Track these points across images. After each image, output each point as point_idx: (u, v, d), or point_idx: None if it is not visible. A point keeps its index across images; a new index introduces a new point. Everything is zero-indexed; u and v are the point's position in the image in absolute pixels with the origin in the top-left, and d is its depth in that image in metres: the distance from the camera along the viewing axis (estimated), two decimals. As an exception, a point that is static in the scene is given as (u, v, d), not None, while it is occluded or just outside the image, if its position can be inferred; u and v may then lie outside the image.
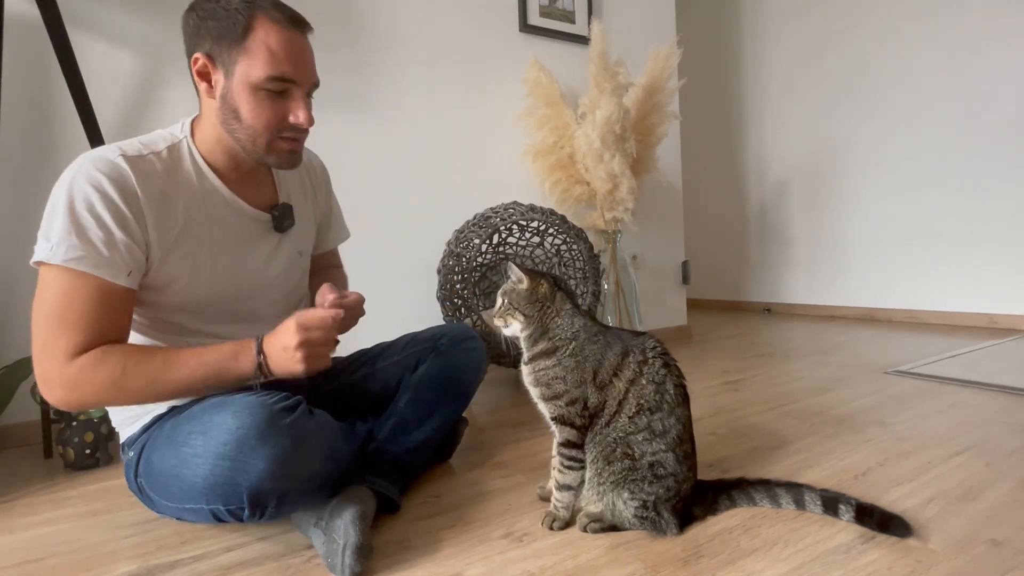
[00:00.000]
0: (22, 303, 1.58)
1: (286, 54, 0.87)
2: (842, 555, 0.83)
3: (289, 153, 0.94)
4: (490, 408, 1.75)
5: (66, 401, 0.83)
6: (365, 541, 0.83)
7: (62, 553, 0.96)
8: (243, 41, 0.86)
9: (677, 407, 0.92)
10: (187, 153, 0.94)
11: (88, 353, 0.81)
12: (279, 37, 0.86)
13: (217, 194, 0.96)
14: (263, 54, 0.86)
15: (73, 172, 0.83)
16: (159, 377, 0.84)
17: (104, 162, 0.83)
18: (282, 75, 0.87)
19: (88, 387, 0.81)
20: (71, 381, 0.81)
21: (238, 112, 0.89)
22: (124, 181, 0.84)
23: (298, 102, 0.91)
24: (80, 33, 1.62)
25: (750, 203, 3.94)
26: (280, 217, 1.04)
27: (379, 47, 2.12)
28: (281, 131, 0.92)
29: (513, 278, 0.96)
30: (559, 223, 1.99)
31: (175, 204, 0.90)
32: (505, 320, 0.96)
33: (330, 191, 1.24)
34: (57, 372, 0.81)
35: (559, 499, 0.95)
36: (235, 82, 0.87)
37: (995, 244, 2.74)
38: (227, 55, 0.87)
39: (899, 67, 3.04)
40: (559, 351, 0.93)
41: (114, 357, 0.82)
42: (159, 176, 0.88)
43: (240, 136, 0.91)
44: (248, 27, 0.85)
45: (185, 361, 0.85)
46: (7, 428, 1.55)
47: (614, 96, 2.17)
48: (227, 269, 0.98)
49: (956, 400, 1.58)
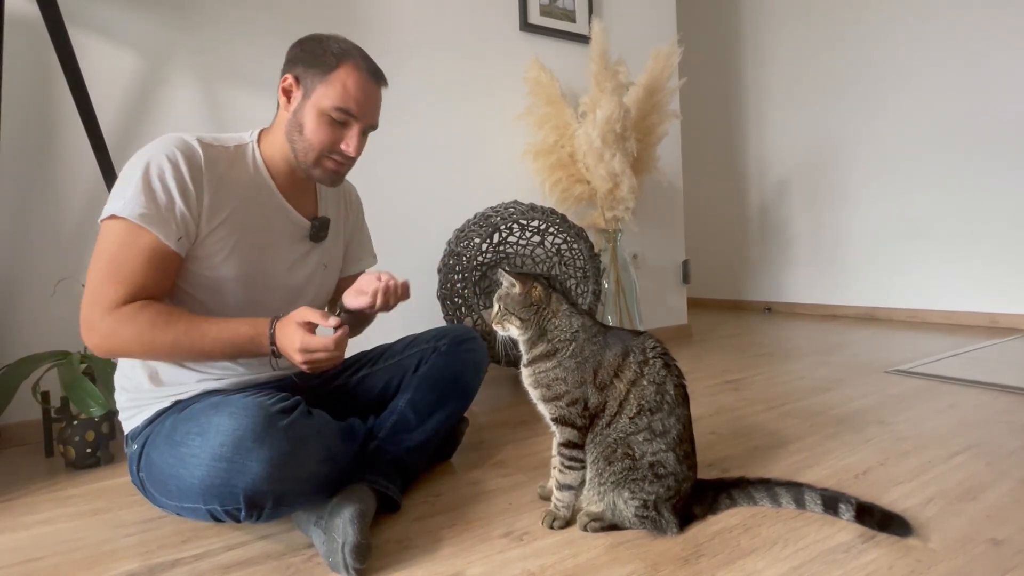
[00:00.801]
0: (22, 303, 1.59)
1: (356, 95, 1.01)
2: (842, 554, 0.83)
3: (332, 173, 1.06)
4: (490, 407, 1.75)
5: (101, 348, 0.91)
6: (364, 540, 0.83)
7: (63, 552, 0.96)
8: (328, 75, 1.00)
9: (677, 407, 0.92)
10: (251, 154, 1.05)
11: (128, 305, 0.89)
12: (356, 80, 1.01)
13: (268, 192, 1.06)
14: (339, 88, 1.00)
15: (155, 146, 0.94)
16: (180, 341, 0.90)
17: (182, 142, 0.95)
18: (346, 108, 1.00)
19: (120, 338, 0.89)
20: (109, 330, 0.89)
21: (303, 127, 1.02)
22: (195, 159, 0.95)
23: (353, 135, 1.03)
24: (81, 33, 1.62)
25: (750, 202, 3.94)
26: (318, 227, 1.13)
27: (379, 46, 2.11)
28: (332, 153, 1.03)
29: (506, 283, 0.97)
30: (559, 222, 1.99)
31: (230, 191, 1.00)
32: (503, 325, 0.96)
33: (361, 215, 1.33)
34: (100, 320, 0.89)
35: (560, 498, 0.95)
36: (309, 103, 1.01)
37: (996, 243, 2.73)
38: (311, 81, 1.01)
39: (900, 66, 3.04)
40: (559, 352, 0.93)
41: (146, 314, 0.89)
42: (223, 164, 1.00)
43: (298, 147, 1.03)
44: (336, 66, 1.00)
45: (204, 333, 0.91)
46: (8, 427, 1.55)
47: (615, 95, 2.17)
48: (257, 258, 1.04)
49: (956, 400, 1.58)
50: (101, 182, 1.59)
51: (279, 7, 1.92)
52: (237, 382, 1.04)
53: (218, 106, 1.83)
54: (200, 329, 0.91)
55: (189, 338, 0.90)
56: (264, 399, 0.86)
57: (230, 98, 1.84)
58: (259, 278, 1.05)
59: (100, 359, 1.41)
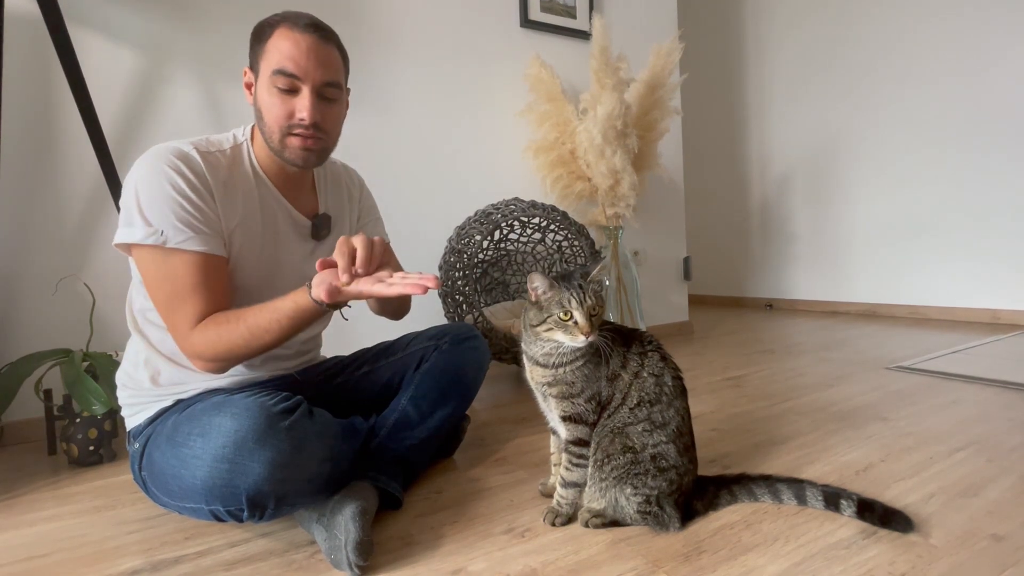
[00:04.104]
0: (23, 302, 1.59)
1: (290, 52, 0.93)
2: (843, 550, 0.83)
3: (301, 150, 0.98)
4: (492, 404, 1.75)
5: (205, 368, 0.92)
6: (365, 537, 0.83)
7: (67, 549, 0.96)
8: (264, 45, 0.94)
9: (676, 399, 0.92)
10: (246, 154, 1.02)
11: (201, 322, 0.89)
12: (289, 38, 0.93)
13: (270, 194, 1.04)
14: (274, 54, 0.93)
15: (151, 160, 0.90)
16: (253, 332, 0.89)
17: (178, 151, 0.92)
18: (283, 69, 0.92)
19: (212, 352, 0.89)
20: (198, 351, 0.90)
21: (261, 112, 0.97)
22: (197, 167, 0.93)
23: (304, 98, 0.95)
24: (81, 30, 1.61)
25: (752, 199, 3.93)
26: (318, 225, 1.10)
27: (379, 44, 2.11)
28: (291, 128, 0.96)
29: (596, 288, 0.90)
30: (560, 219, 1.98)
31: (236, 195, 0.98)
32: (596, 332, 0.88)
33: (369, 200, 1.27)
34: (188, 346, 0.90)
35: (563, 496, 0.95)
36: (259, 84, 0.96)
37: (998, 240, 2.73)
38: (256, 62, 0.96)
39: (902, 63, 3.02)
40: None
41: (215, 322, 0.89)
42: (223, 169, 0.97)
43: (265, 135, 0.98)
44: (270, 35, 0.94)
45: (262, 312, 0.89)
46: (11, 425, 1.56)
47: (615, 92, 2.16)
48: (268, 261, 1.04)
49: (958, 396, 1.58)
50: (102, 180, 1.59)
51: (279, 6, 1.92)
52: (239, 380, 1.04)
53: (219, 105, 1.83)
54: (257, 315, 0.89)
55: (256, 323, 0.88)
56: (266, 399, 0.86)
57: (231, 97, 1.84)
58: (271, 279, 1.04)
59: (102, 356, 1.41)
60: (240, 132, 1.04)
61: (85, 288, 1.59)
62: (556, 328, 0.87)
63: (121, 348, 1.23)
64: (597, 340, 0.88)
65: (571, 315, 0.85)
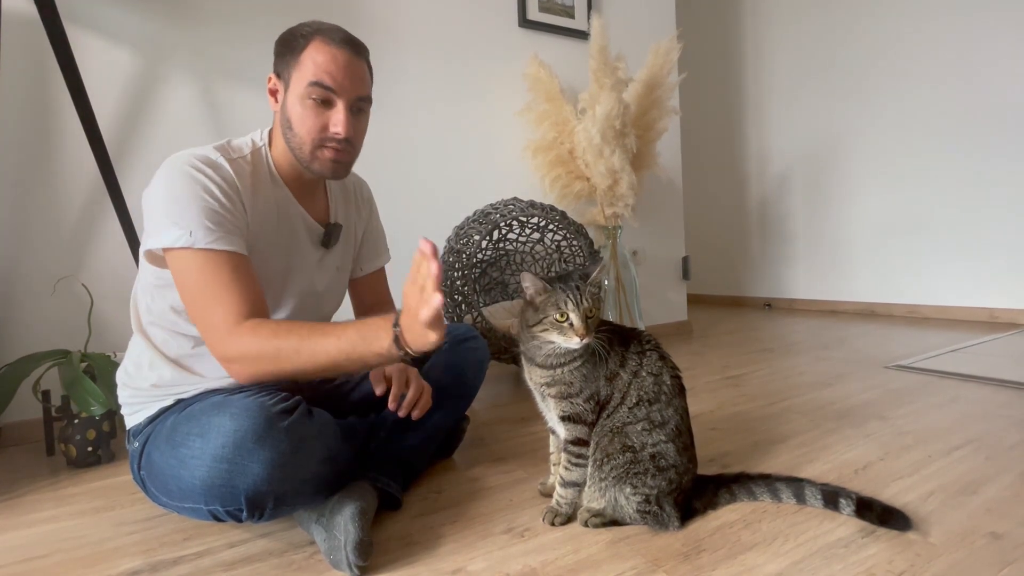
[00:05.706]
0: (21, 303, 1.59)
1: (327, 66, 0.94)
2: (842, 549, 0.83)
3: (332, 162, 0.99)
4: (491, 404, 1.75)
5: (239, 375, 0.90)
6: (365, 537, 0.83)
7: (66, 549, 0.96)
8: (298, 56, 0.95)
9: (674, 398, 0.92)
10: (264, 160, 1.02)
11: (246, 322, 0.87)
12: (326, 52, 0.94)
13: (287, 199, 1.04)
14: (309, 66, 0.94)
15: (179, 165, 0.90)
16: (302, 346, 0.87)
17: (205, 158, 0.92)
18: (320, 82, 0.94)
19: (252, 354, 0.87)
20: (237, 353, 0.88)
21: (291, 121, 0.97)
22: (226, 174, 0.93)
23: (339, 112, 0.96)
24: (78, 30, 1.61)
25: (751, 198, 3.93)
26: (330, 234, 1.11)
27: (378, 43, 2.11)
28: (324, 140, 0.97)
29: (594, 291, 0.90)
30: (559, 219, 1.98)
31: (259, 201, 0.99)
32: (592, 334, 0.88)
33: (374, 211, 1.28)
34: (224, 347, 0.88)
35: (563, 495, 0.95)
36: (290, 94, 0.96)
37: (996, 239, 2.73)
38: (287, 71, 0.97)
39: (900, 61, 3.03)
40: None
41: (266, 327, 0.88)
42: (247, 175, 0.98)
43: (292, 145, 0.99)
44: (305, 46, 0.95)
45: (322, 334, 0.87)
46: (9, 426, 1.56)
47: (614, 91, 2.16)
48: (281, 267, 1.04)
49: (956, 394, 1.58)
50: (100, 181, 1.59)
51: (278, 5, 1.92)
52: (239, 381, 1.03)
53: (217, 105, 1.83)
54: (316, 334, 0.87)
55: (311, 342, 0.86)
56: (265, 399, 0.85)
57: (229, 97, 1.84)
58: (282, 285, 1.04)
59: (100, 357, 1.41)
60: (258, 136, 1.04)
61: (83, 289, 1.59)
62: (552, 329, 0.87)
63: (119, 349, 1.23)
64: (593, 342, 0.88)
65: (567, 317, 0.86)
